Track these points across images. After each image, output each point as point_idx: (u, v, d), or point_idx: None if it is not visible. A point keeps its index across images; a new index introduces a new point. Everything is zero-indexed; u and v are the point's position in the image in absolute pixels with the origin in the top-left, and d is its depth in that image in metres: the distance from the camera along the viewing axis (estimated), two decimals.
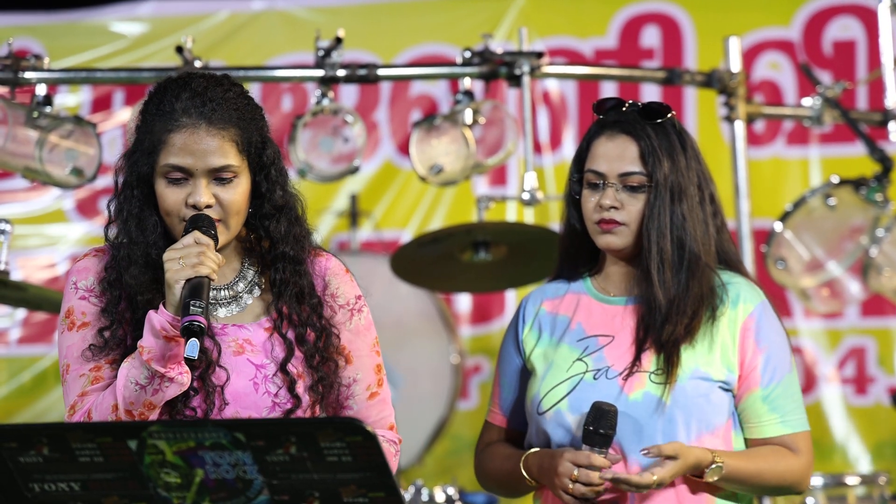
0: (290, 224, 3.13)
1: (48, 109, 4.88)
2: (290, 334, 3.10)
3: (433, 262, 5.21)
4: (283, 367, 3.07)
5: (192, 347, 2.87)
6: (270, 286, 3.13)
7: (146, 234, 3.04)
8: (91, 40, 6.91)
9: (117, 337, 3.03)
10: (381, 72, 5.06)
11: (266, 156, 3.12)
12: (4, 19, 6.92)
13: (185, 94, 3.05)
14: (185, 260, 2.93)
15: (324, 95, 5.00)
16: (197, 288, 2.91)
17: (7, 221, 4.65)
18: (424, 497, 5.01)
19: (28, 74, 4.86)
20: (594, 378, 3.36)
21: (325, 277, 3.18)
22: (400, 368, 6.48)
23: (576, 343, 3.41)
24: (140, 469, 2.56)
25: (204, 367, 3.03)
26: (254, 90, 6.90)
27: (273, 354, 3.09)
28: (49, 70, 4.91)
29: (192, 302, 2.89)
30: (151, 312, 2.94)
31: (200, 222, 3.00)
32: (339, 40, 4.97)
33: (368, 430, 2.50)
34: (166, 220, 3.06)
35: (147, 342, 2.94)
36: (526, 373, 3.47)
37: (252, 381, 3.05)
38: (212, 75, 3.13)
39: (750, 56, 6.60)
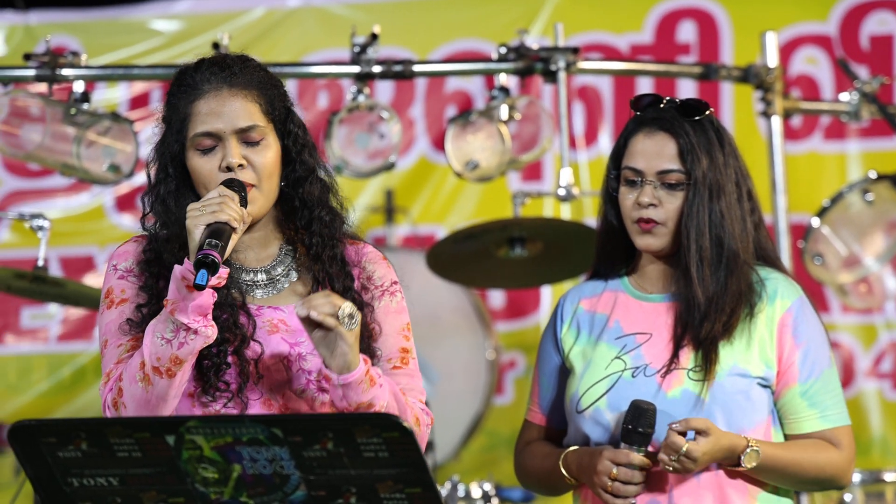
0: (324, 190, 3.15)
1: (85, 106, 4.91)
2: None
3: (469, 257, 5.21)
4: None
5: (200, 276, 2.87)
6: (307, 252, 3.14)
7: (181, 215, 3.05)
8: (128, 37, 6.94)
9: (155, 313, 3.03)
10: (416, 68, 5.07)
11: (292, 122, 3.15)
12: (42, 16, 6.95)
13: (205, 66, 3.11)
14: (206, 208, 2.95)
15: (359, 92, 5.01)
16: (216, 232, 2.92)
17: (44, 218, 4.68)
18: (461, 493, 5.01)
19: (66, 71, 4.88)
20: (632, 376, 3.35)
21: (361, 263, 3.18)
22: (436, 364, 6.48)
23: (614, 341, 3.40)
24: (178, 464, 2.57)
25: (238, 342, 3.04)
26: (289, 87, 6.88)
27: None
28: (87, 67, 4.93)
29: (207, 241, 2.90)
30: (176, 265, 2.95)
31: (228, 183, 3.02)
32: (374, 36, 4.97)
33: (405, 426, 2.50)
34: (203, 195, 3.06)
35: (171, 294, 2.94)
36: (565, 371, 3.47)
37: (286, 359, 3.06)
38: (229, 53, 3.18)
39: (787, 51, 6.57)
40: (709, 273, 3.34)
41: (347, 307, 2.92)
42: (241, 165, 3.05)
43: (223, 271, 2.95)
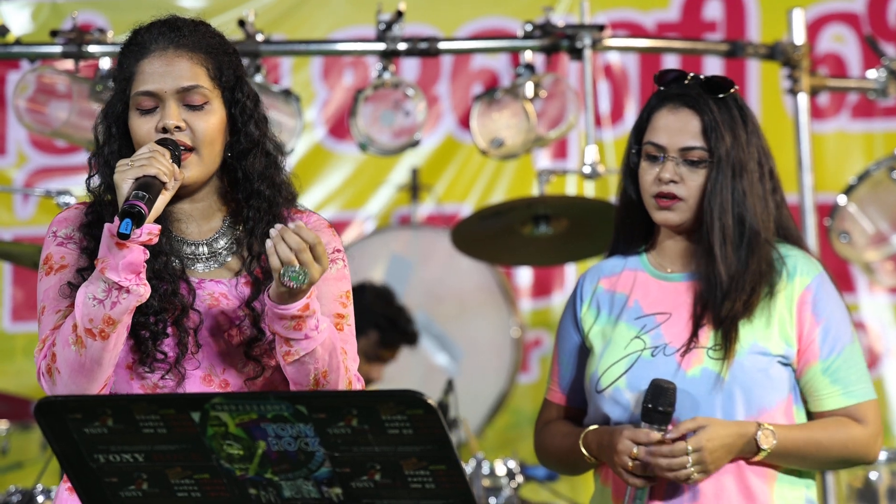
0: (269, 166, 3.07)
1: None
2: (258, 273, 3.03)
3: (494, 235, 5.21)
4: (248, 303, 3.01)
5: (124, 226, 2.80)
6: (243, 226, 3.07)
7: None
8: (154, 14, 6.92)
9: None
10: (442, 45, 5.06)
11: (241, 91, 3.06)
12: None
13: (155, 27, 3.06)
14: (135, 162, 2.89)
15: (385, 69, 5.00)
16: (144, 186, 2.85)
17: (71, 195, 4.69)
18: (485, 470, 5.02)
19: (92, 48, 4.89)
20: (652, 355, 3.35)
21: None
22: (460, 342, 6.49)
23: (634, 321, 3.40)
24: (203, 441, 2.58)
25: (178, 312, 2.99)
26: (315, 64, 6.93)
27: (239, 291, 3.03)
28: (113, 44, 4.94)
29: (134, 193, 2.84)
30: (106, 224, 2.89)
31: (164, 144, 2.95)
32: (400, 14, 4.97)
33: (430, 403, 2.50)
34: None
35: (101, 252, 2.88)
36: (584, 351, 3.46)
37: (227, 332, 3.01)
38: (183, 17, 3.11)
39: (814, 29, 6.54)
40: (731, 251, 3.33)
41: (298, 268, 2.84)
42: (178, 128, 2.98)
43: (154, 227, 2.88)
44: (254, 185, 3.05)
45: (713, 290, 3.33)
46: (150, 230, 2.88)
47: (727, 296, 3.32)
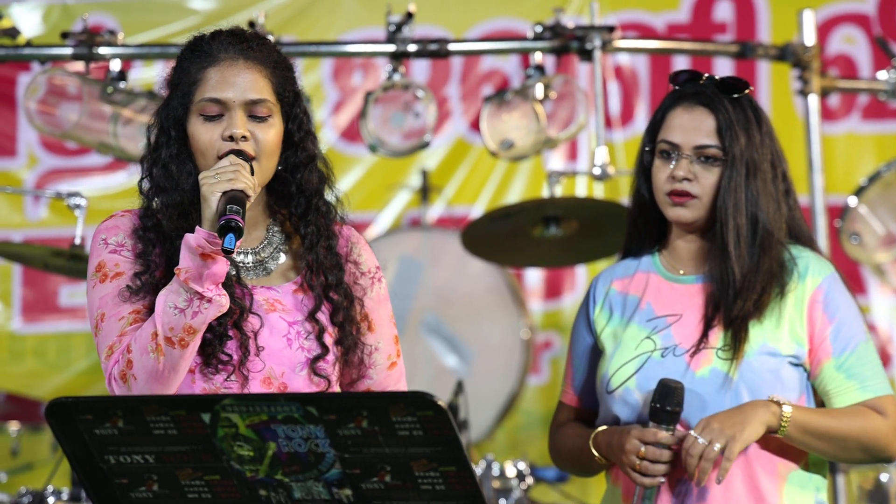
0: (321, 181, 3.14)
1: (122, 85, 4.93)
2: (319, 287, 3.09)
3: (504, 237, 5.21)
4: (311, 316, 3.07)
5: (228, 241, 2.86)
6: (301, 241, 3.12)
7: (182, 180, 3.03)
8: (165, 16, 6.96)
9: (154, 280, 3.01)
10: (451, 47, 5.06)
11: (299, 107, 3.13)
12: None
13: (222, 36, 3.09)
14: (221, 175, 2.93)
15: (395, 70, 5.00)
16: (234, 199, 2.91)
17: (82, 196, 4.69)
18: (495, 471, 5.02)
19: (102, 50, 4.90)
20: (661, 356, 3.35)
21: (347, 245, 3.17)
22: (470, 343, 6.49)
23: (645, 323, 3.40)
24: (213, 442, 2.58)
25: (238, 314, 3.02)
26: (325, 65, 6.94)
27: (303, 304, 3.08)
28: (123, 45, 4.95)
29: (229, 207, 2.89)
30: (188, 234, 2.93)
31: (238, 155, 3.00)
32: (410, 15, 4.97)
33: (440, 405, 2.50)
34: (200, 162, 3.04)
35: (184, 263, 2.92)
36: (597, 352, 3.46)
37: (285, 336, 3.05)
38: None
39: (824, 30, 6.54)
40: (745, 250, 3.33)
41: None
42: (244, 137, 3.02)
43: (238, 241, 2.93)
44: (311, 201, 3.12)
45: (726, 288, 3.33)
46: (240, 238, 2.93)
47: (739, 294, 3.32)
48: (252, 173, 2.99)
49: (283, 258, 3.13)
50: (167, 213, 3.03)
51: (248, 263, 3.11)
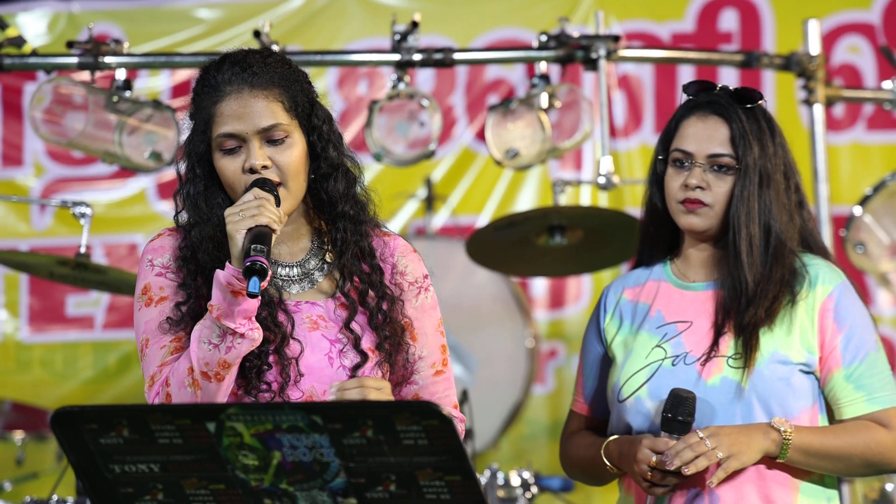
0: (349, 185, 3.15)
1: (128, 94, 4.93)
2: (353, 294, 3.12)
3: (509, 246, 5.21)
4: (346, 325, 3.09)
5: (253, 284, 2.89)
6: (332, 247, 3.15)
7: (213, 212, 3.07)
8: (170, 25, 6.97)
9: (194, 311, 3.05)
10: (457, 56, 5.07)
11: (316, 116, 3.14)
12: (85, 4, 6.99)
13: (226, 66, 3.10)
14: (245, 212, 2.96)
15: (400, 80, 5.01)
16: (258, 236, 2.93)
17: (87, 205, 4.70)
18: (500, 480, 5.02)
19: (108, 59, 4.90)
20: (672, 364, 3.35)
21: (394, 256, 3.19)
22: (475, 352, 6.49)
23: (655, 330, 3.40)
24: (218, 451, 2.58)
25: (279, 340, 3.05)
26: (330, 74, 6.94)
27: (336, 314, 3.10)
28: (129, 55, 4.96)
29: (252, 247, 2.91)
30: (218, 270, 2.96)
31: (260, 183, 3.02)
32: (415, 24, 4.98)
33: (444, 414, 2.51)
34: (231, 195, 3.08)
35: (215, 299, 2.96)
36: (608, 361, 3.46)
37: (326, 355, 3.07)
38: (251, 48, 3.18)
39: (829, 40, 6.53)
40: (758, 258, 3.33)
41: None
42: (265, 167, 3.05)
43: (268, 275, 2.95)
44: (338, 208, 3.14)
45: (738, 296, 3.33)
46: (266, 278, 2.94)
47: (751, 302, 3.31)
48: (279, 198, 3.02)
49: (327, 268, 3.15)
50: (202, 247, 3.07)
51: (293, 276, 3.14)
